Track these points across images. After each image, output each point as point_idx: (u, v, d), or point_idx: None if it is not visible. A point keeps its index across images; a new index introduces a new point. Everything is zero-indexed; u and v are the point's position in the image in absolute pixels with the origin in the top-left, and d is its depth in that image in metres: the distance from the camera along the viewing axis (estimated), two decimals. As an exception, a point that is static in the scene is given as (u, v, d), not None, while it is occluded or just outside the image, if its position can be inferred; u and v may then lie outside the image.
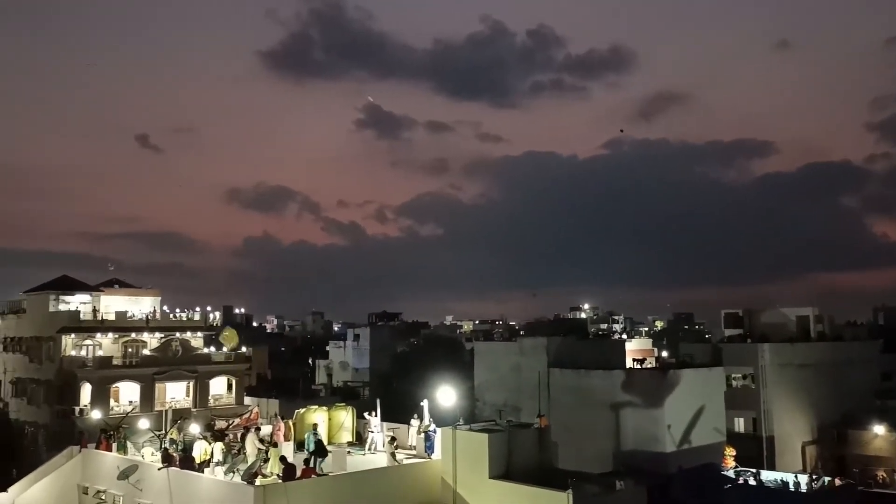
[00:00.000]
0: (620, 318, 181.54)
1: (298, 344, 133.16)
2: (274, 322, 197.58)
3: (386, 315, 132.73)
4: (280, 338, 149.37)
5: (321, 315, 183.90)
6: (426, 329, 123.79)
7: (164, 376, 51.75)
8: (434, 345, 77.95)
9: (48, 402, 52.51)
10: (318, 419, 31.07)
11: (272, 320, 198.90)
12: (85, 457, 31.57)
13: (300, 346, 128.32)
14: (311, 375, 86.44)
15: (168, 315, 58.31)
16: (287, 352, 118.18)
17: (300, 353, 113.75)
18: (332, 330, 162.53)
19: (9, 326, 61.20)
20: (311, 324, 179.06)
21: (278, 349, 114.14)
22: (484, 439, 24.78)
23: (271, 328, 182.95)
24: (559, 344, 43.63)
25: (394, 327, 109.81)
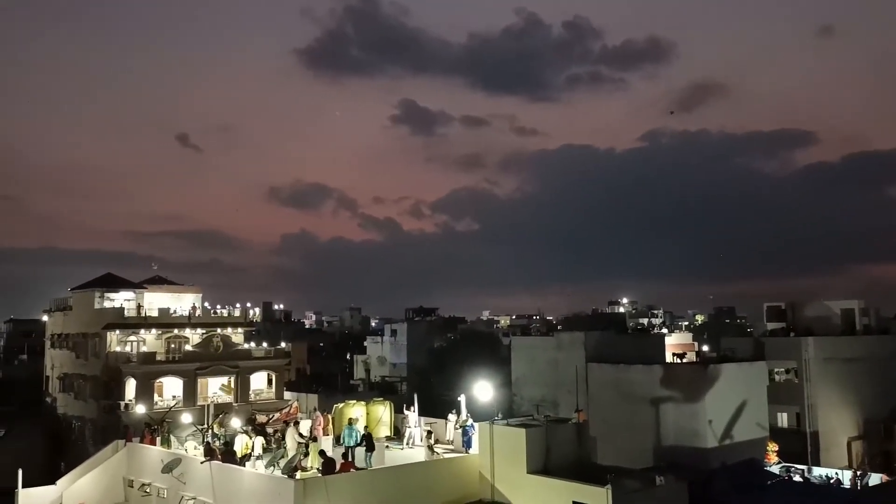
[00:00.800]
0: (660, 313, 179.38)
1: (336, 339, 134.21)
2: (312, 318, 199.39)
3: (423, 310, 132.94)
4: (318, 333, 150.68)
5: (359, 311, 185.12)
6: (463, 324, 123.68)
7: (206, 371, 52.69)
8: (471, 340, 77.95)
9: (94, 396, 53.77)
10: (357, 414, 31.33)
11: (311, 316, 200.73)
12: (130, 450, 32.26)
13: (338, 341, 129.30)
14: (349, 370, 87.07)
15: (209, 311, 59.34)
16: (325, 347, 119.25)
17: (338, 348, 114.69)
18: (369, 325, 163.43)
19: (56, 323, 62.83)
20: (348, 319, 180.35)
21: (317, 344, 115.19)
22: (522, 434, 24.73)
23: (310, 324, 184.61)
24: (597, 338, 43.31)
25: (431, 322, 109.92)
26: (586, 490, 22.00)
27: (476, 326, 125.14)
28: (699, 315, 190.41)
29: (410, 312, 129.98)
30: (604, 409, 37.39)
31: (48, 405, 61.17)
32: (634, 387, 38.10)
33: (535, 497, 23.74)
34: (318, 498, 22.16)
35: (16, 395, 64.86)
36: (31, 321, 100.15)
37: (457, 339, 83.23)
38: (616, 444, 32.25)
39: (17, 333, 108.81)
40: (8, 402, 62.39)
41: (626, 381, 38.84)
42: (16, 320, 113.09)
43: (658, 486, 23.49)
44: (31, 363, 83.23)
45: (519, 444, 24.61)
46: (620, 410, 37.52)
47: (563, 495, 22.78)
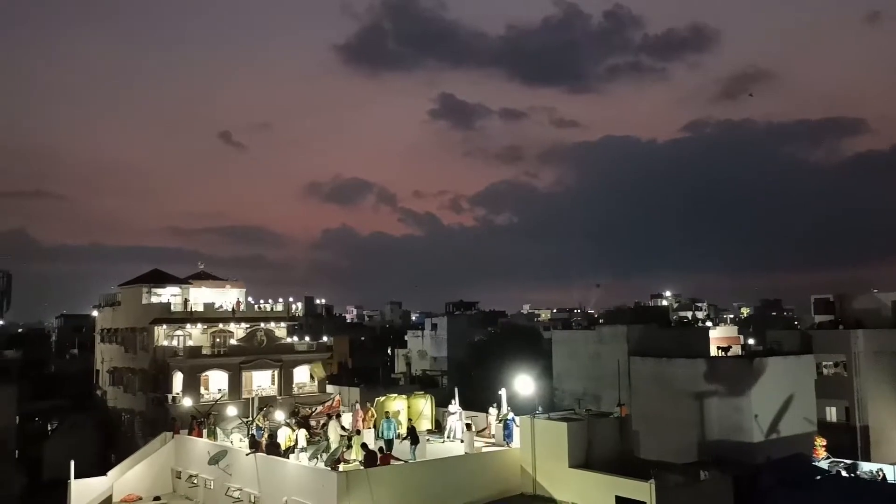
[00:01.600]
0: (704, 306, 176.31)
1: (377, 333, 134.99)
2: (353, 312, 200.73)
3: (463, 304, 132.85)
4: (360, 327, 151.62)
5: (399, 305, 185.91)
6: (503, 318, 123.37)
7: (250, 365, 53.53)
8: (511, 334, 77.79)
9: (143, 389, 55.00)
10: (398, 407, 31.53)
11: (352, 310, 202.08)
12: (178, 442, 32.97)
13: (379, 335, 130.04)
14: (390, 364, 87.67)
15: (252, 306, 60.19)
16: (367, 341, 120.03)
17: (379, 342, 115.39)
18: (410, 319, 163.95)
19: (106, 318, 64.42)
20: (389, 313, 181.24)
21: (358, 338, 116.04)
22: (563, 428, 24.64)
23: (351, 318, 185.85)
24: (640, 332, 42.87)
25: (471, 316, 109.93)
26: (629, 484, 21.84)
27: (516, 320, 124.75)
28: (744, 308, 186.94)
29: (450, 306, 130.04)
30: (646, 403, 37.04)
31: (98, 398, 62.77)
32: (678, 381, 37.66)
33: (578, 491, 23.64)
34: (360, 490, 22.40)
35: (68, 389, 66.62)
36: (82, 316, 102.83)
37: (497, 333, 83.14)
38: (659, 438, 31.92)
39: (68, 328, 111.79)
40: (60, 396, 64.10)
41: (669, 375, 38.40)
42: (67, 315, 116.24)
43: (702, 480, 23.22)
44: (82, 357, 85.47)
45: (561, 437, 24.52)
46: (663, 404, 37.12)
47: (605, 489, 22.65)
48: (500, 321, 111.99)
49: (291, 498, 24.16)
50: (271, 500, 25.32)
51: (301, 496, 23.90)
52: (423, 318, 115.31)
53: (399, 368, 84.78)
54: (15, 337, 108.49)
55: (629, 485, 21.84)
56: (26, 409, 52.63)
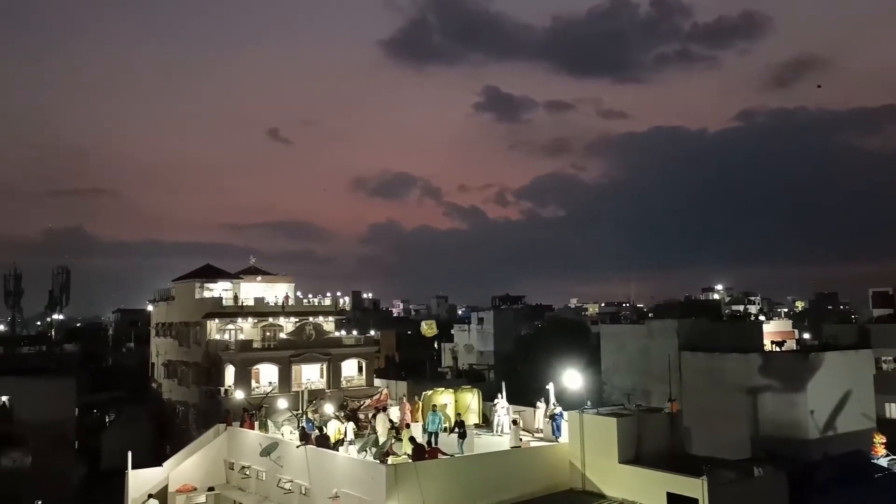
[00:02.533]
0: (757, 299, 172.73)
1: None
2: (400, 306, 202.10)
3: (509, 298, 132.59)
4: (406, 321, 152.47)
5: (445, 299, 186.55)
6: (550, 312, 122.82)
7: (300, 359, 54.29)
8: (558, 328, 77.30)
9: (196, 382, 56.25)
10: (445, 401, 31.68)
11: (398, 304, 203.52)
12: (230, 434, 33.67)
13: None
14: (436, 358, 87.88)
15: (301, 300, 61.02)
16: (413, 335, 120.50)
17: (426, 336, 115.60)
18: (456, 313, 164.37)
19: (160, 313, 66.03)
20: (435, 307, 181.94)
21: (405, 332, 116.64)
22: (613, 423, 24.44)
23: (398, 312, 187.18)
24: (690, 326, 42.21)
25: (517, 310, 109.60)
26: (681, 481, 21.57)
27: (563, 314, 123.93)
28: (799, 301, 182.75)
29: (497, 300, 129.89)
30: (698, 398, 36.44)
31: (154, 390, 64.42)
32: (730, 376, 37.01)
33: (628, 487, 23.44)
34: (409, 483, 22.58)
35: (124, 381, 68.51)
36: (137, 311, 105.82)
37: (544, 327, 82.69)
38: (711, 434, 31.41)
39: (124, 323, 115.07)
40: (117, 388, 65.93)
41: (721, 369, 37.76)
42: (123, 310, 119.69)
43: (756, 477, 22.80)
44: (138, 351, 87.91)
45: (610, 433, 24.33)
46: (715, 400, 36.51)
47: (656, 486, 22.40)
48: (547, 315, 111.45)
49: (341, 490, 24.47)
50: (321, 491, 25.70)
51: (351, 488, 24.21)
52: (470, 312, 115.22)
53: (446, 362, 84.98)
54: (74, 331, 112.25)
55: (681, 481, 21.56)
56: (85, 401, 54.21)
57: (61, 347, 78.83)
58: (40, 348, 73.61)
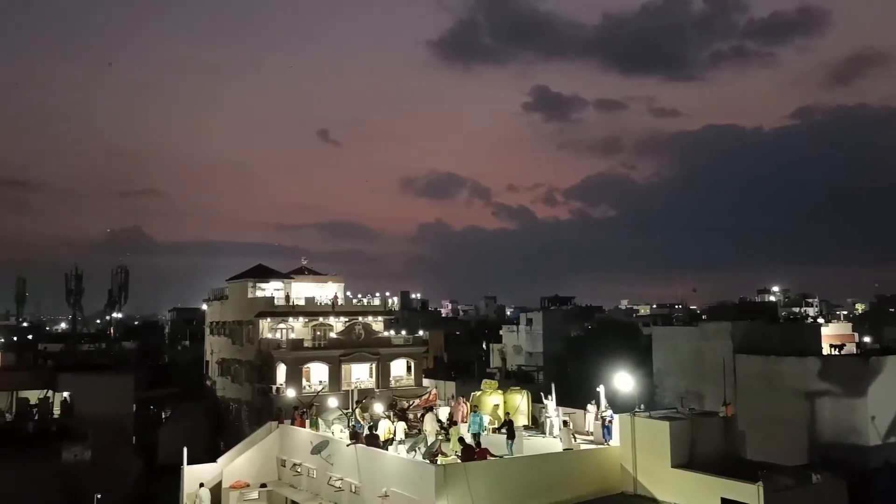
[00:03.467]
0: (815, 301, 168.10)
1: (472, 327, 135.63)
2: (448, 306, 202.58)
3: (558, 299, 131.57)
4: (454, 322, 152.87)
5: (494, 299, 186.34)
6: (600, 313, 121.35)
7: (349, 358, 54.83)
8: (609, 329, 76.36)
9: (249, 380, 57.31)
10: (494, 402, 31.62)
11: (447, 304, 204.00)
12: (282, 431, 34.17)
13: (474, 329, 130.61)
14: (485, 359, 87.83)
15: (351, 300, 61.66)
16: (461, 335, 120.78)
17: (474, 336, 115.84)
18: (504, 314, 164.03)
19: (214, 311, 67.46)
20: (484, 308, 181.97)
21: (453, 333, 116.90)
22: (665, 427, 24.05)
23: (446, 312, 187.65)
24: (746, 328, 41.33)
25: (567, 311, 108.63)
26: (736, 486, 21.12)
27: (614, 315, 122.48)
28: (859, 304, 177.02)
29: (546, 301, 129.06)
30: (753, 402, 35.67)
31: (208, 387, 65.82)
32: (787, 379, 36.15)
33: (681, 492, 23.04)
34: (458, 484, 22.59)
35: (180, 378, 70.17)
36: (192, 309, 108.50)
37: (594, 329, 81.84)
38: (767, 439, 30.74)
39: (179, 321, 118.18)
40: (173, 385, 67.58)
41: (777, 373, 36.91)
42: (179, 309, 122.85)
43: (814, 483, 22.18)
44: (193, 348, 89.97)
45: (662, 436, 23.95)
46: (771, 404, 35.69)
47: (710, 491, 21.98)
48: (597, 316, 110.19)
49: (391, 489, 24.63)
50: (371, 490, 25.91)
51: (400, 487, 24.34)
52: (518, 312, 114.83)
53: (494, 363, 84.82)
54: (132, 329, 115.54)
55: (736, 487, 21.11)
56: (142, 397, 55.69)
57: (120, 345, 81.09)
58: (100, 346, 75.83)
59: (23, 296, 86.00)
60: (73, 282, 64.81)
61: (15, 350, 61.00)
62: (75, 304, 67.55)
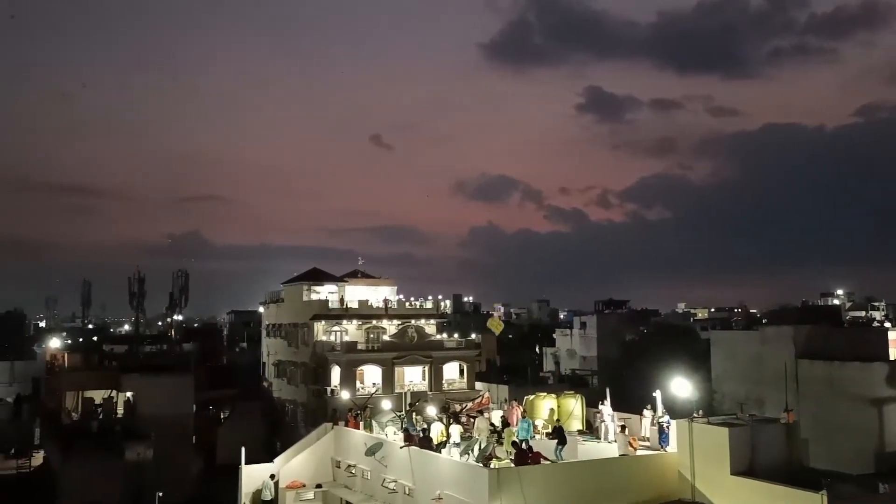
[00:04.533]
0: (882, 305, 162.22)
1: (525, 331, 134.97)
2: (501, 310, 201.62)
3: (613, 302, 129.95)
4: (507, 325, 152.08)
5: (547, 302, 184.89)
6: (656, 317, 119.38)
7: (402, 361, 55.12)
8: (665, 333, 75.13)
9: (304, 382, 58.14)
10: (548, 406, 31.41)
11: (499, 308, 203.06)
12: (337, 433, 34.54)
13: (527, 333, 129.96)
14: (538, 362, 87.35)
15: (403, 303, 62.00)
16: (514, 339, 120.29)
17: (527, 340, 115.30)
18: (558, 317, 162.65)
19: (270, 314, 68.69)
20: (536, 311, 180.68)
21: (506, 336, 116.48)
22: (724, 433, 23.55)
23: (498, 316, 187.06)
24: (808, 333, 40.18)
25: (621, 315, 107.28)
26: (798, 495, 20.54)
27: (670, 319, 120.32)
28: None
29: (600, 304, 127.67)
30: (816, 408, 34.66)
31: (265, 389, 66.99)
32: (852, 386, 35.07)
33: (740, 500, 22.52)
34: (511, 488, 22.52)
35: (237, 380, 71.47)
36: (250, 312, 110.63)
37: (650, 333, 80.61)
38: (831, 446, 29.84)
39: (238, 323, 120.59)
40: (231, 386, 68.86)
41: (841, 379, 35.82)
42: (236, 311, 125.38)
43: (881, 493, 21.43)
44: (251, 350, 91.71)
45: (721, 443, 23.45)
46: (835, 411, 34.65)
47: (771, 499, 21.43)
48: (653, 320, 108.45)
49: (444, 491, 24.68)
50: (425, 492, 26.00)
51: (453, 490, 24.37)
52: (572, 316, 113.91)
53: (547, 367, 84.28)
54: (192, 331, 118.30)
55: (798, 495, 20.54)
56: (202, 398, 56.96)
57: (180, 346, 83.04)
58: (161, 347, 77.90)
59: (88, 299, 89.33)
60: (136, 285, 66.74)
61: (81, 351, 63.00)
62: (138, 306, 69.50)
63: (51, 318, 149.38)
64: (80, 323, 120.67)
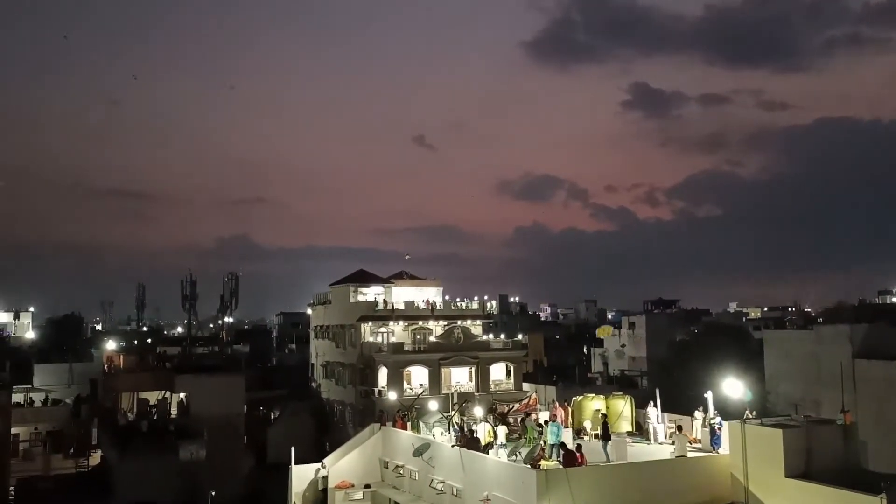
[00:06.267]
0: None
1: (572, 331, 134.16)
2: (548, 310, 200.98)
3: (662, 302, 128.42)
4: (554, 325, 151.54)
5: (594, 302, 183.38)
6: (707, 317, 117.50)
7: (449, 362, 55.26)
8: (716, 333, 73.70)
9: (352, 382, 58.73)
10: (596, 407, 31.14)
11: (546, 308, 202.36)
12: (384, 434, 34.82)
13: (574, 333, 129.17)
14: (586, 363, 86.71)
15: (449, 304, 62.15)
16: (561, 339, 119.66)
17: (574, 340, 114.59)
18: (605, 317, 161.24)
19: (318, 315, 69.55)
20: (584, 311, 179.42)
21: (553, 337, 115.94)
22: (778, 435, 23.03)
23: (545, 316, 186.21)
24: (866, 331, 38.96)
25: (671, 315, 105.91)
26: (856, 498, 19.98)
27: (721, 319, 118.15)
28: None
29: (649, 304, 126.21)
30: (875, 410, 33.58)
31: (314, 389, 67.90)
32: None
33: (796, 503, 22.01)
34: (559, 489, 22.40)
35: (287, 380, 72.63)
36: (298, 314, 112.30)
37: (700, 333, 79.26)
38: (891, 448, 28.89)
39: (286, 325, 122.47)
40: (281, 386, 70.00)
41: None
42: (285, 313, 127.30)
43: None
44: (299, 351, 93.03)
45: (775, 445, 22.94)
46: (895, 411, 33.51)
47: (828, 502, 20.90)
48: (704, 320, 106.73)
49: (492, 493, 24.67)
50: (473, 493, 26.03)
51: (501, 492, 24.35)
52: (620, 316, 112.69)
53: (595, 368, 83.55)
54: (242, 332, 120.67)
55: (856, 499, 19.99)
56: (252, 398, 58.00)
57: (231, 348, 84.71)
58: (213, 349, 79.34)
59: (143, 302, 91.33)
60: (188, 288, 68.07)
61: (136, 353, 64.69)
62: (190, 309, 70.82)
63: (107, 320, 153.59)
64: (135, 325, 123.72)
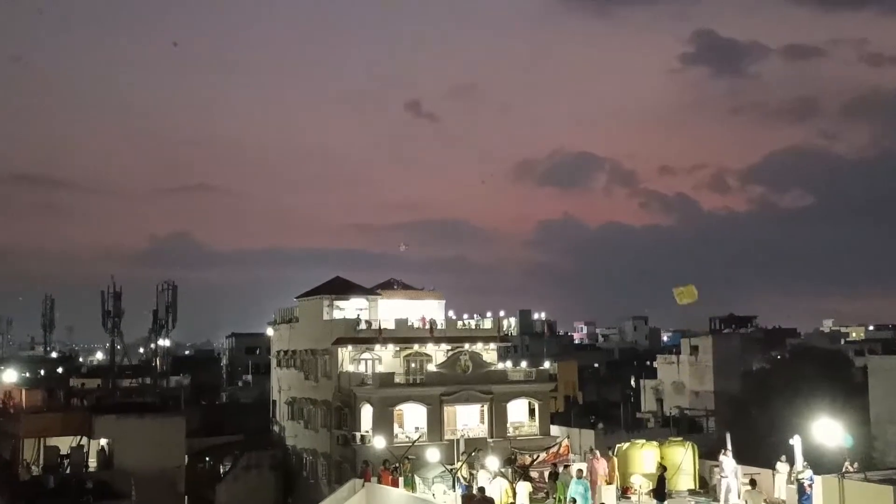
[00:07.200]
0: None
1: (616, 358, 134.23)
2: (583, 330, 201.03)
3: (734, 319, 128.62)
4: (592, 350, 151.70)
5: (644, 320, 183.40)
6: (794, 338, 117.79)
7: (453, 398, 54.97)
8: (806, 359, 74.00)
9: (326, 425, 58.55)
10: (647, 457, 31.12)
11: (581, 328, 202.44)
12: (369, 492, 34.83)
13: (618, 360, 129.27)
14: (634, 400, 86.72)
15: (454, 322, 61.92)
16: (601, 368, 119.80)
17: (619, 369, 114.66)
18: (660, 340, 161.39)
19: (282, 338, 69.34)
20: (631, 332, 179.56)
21: (590, 365, 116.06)
22: (888, 493, 23.00)
23: (580, 337, 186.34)
24: None
25: (747, 336, 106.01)
26: None
27: (813, 341, 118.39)
28: None
29: (717, 322, 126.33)
30: None
31: (276, 434, 67.80)
32: None
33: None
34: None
35: (241, 422, 72.40)
36: (255, 335, 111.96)
37: (785, 359, 79.47)
38: None
39: (240, 350, 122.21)
40: (233, 431, 69.67)
41: None
42: (238, 335, 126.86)
43: None
44: (257, 384, 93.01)
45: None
46: None
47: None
48: (790, 342, 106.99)
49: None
50: (485, 571, 25.98)
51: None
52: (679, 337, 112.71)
53: (647, 406, 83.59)
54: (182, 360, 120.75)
55: None
56: (196, 446, 57.98)
57: (168, 380, 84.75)
58: (144, 381, 79.48)
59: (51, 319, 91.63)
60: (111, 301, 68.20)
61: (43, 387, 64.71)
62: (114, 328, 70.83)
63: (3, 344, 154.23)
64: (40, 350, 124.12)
